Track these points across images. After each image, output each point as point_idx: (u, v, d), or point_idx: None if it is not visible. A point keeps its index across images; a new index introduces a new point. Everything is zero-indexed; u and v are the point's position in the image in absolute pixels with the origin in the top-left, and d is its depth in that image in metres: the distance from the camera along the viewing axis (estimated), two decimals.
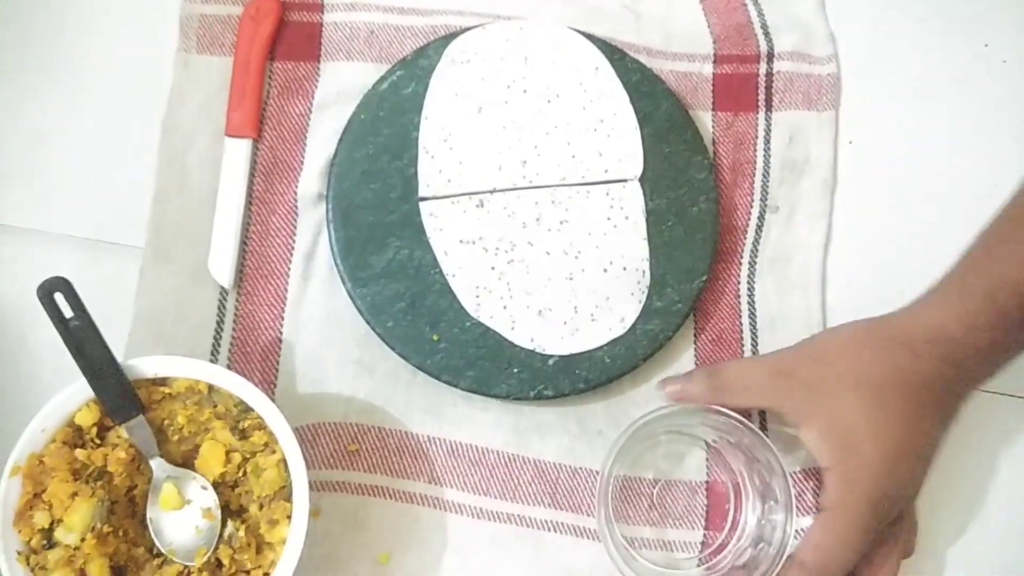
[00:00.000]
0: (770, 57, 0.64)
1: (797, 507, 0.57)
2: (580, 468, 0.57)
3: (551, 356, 0.57)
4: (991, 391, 0.59)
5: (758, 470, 0.53)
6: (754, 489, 0.54)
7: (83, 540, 0.47)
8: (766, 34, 0.65)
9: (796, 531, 0.50)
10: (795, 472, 0.58)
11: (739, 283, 0.61)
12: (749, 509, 0.55)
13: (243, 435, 0.51)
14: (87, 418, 0.49)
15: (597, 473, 0.57)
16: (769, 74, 0.64)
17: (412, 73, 0.60)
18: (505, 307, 0.57)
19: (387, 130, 0.59)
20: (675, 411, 0.53)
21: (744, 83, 0.64)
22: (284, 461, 0.49)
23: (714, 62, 0.64)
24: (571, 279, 0.57)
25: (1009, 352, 0.50)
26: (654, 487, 0.56)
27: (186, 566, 0.49)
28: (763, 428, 0.58)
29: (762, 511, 0.53)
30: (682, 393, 0.55)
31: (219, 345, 0.58)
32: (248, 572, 0.49)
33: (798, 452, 0.58)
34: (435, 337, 0.57)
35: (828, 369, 0.51)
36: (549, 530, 0.57)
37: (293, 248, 0.60)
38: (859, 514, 0.49)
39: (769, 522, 0.52)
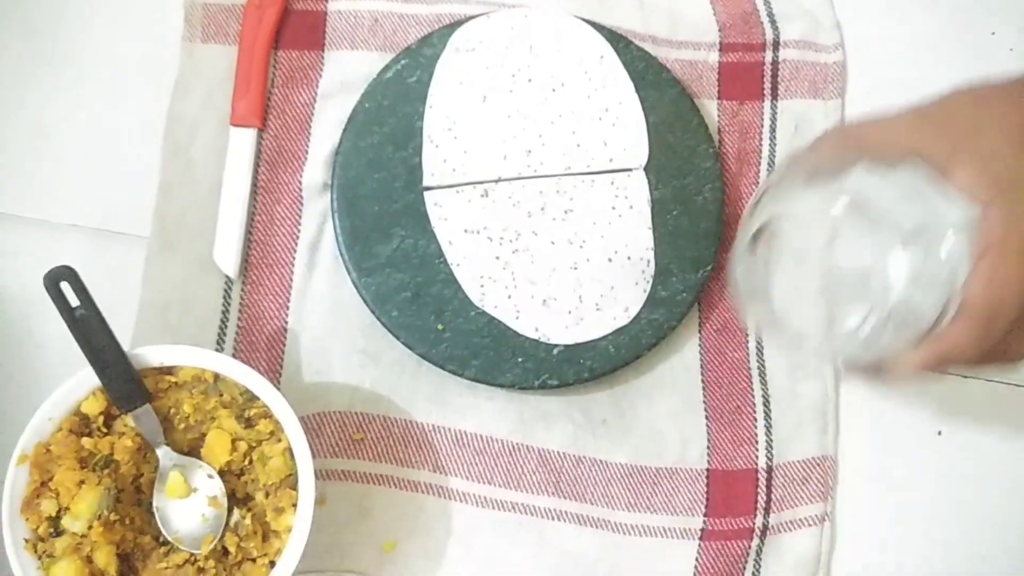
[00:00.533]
0: (776, 45, 0.64)
1: (802, 496, 0.58)
2: (584, 457, 0.58)
3: (556, 345, 0.57)
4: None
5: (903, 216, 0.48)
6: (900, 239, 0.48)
7: (90, 528, 0.47)
8: (772, 22, 0.64)
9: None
10: (797, 461, 0.58)
11: None
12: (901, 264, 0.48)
13: (249, 424, 0.51)
14: (94, 407, 0.49)
15: (601, 462, 0.57)
16: (775, 62, 0.64)
17: (416, 62, 0.60)
18: (510, 296, 0.57)
19: (391, 119, 0.59)
20: (810, 159, 0.47)
21: (750, 71, 0.64)
22: (290, 449, 0.50)
23: (720, 50, 0.64)
24: (576, 268, 0.57)
25: None
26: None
27: (192, 554, 0.49)
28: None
29: (920, 264, 0.48)
30: (816, 159, 0.49)
31: (225, 334, 0.58)
32: (254, 560, 0.50)
33: (800, 443, 0.58)
34: (440, 326, 0.57)
35: (974, 113, 0.48)
36: (553, 519, 0.57)
37: (298, 237, 0.60)
38: None
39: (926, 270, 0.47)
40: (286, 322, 0.58)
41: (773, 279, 0.49)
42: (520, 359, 0.56)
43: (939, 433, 0.60)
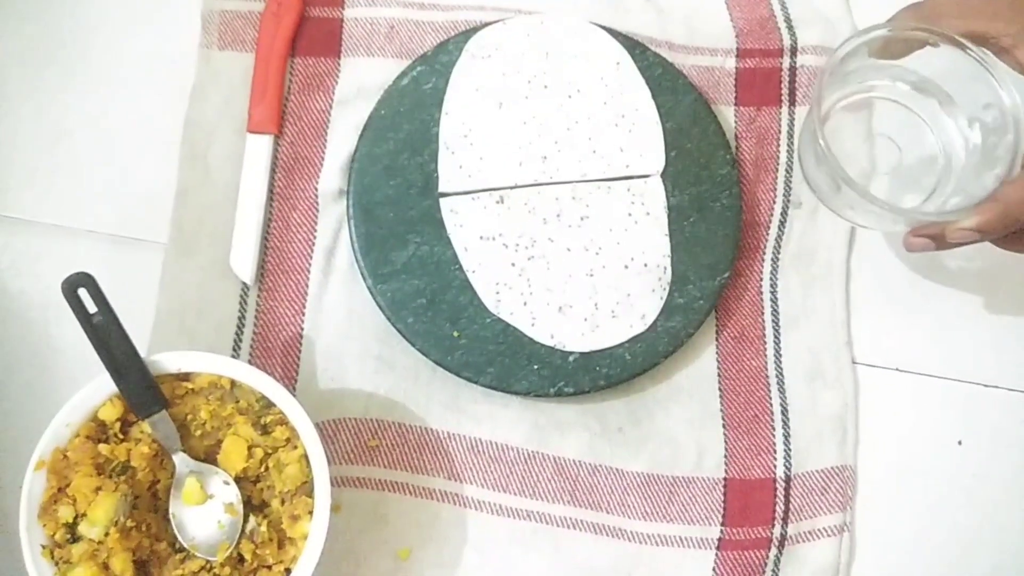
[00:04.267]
0: (793, 51, 0.63)
1: (820, 505, 0.57)
2: (600, 465, 0.57)
3: (571, 353, 0.56)
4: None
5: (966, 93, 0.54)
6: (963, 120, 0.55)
7: (106, 534, 0.47)
8: (790, 28, 0.64)
9: None
10: (816, 471, 0.57)
11: (761, 279, 0.60)
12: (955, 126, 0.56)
13: (265, 430, 0.51)
14: (111, 413, 0.49)
15: (617, 470, 0.57)
16: (792, 68, 0.63)
17: (432, 69, 0.60)
18: (525, 303, 0.57)
19: (407, 126, 0.59)
20: (882, 33, 0.53)
21: (767, 77, 0.63)
22: (306, 456, 0.50)
23: (737, 56, 0.63)
24: (592, 276, 0.57)
25: None
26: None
27: (208, 561, 0.49)
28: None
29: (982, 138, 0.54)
30: (888, 31, 0.53)
31: (241, 340, 0.58)
32: (270, 567, 0.50)
33: (819, 452, 0.58)
34: (455, 333, 0.56)
35: None
36: (569, 527, 0.56)
37: (314, 244, 0.60)
38: None
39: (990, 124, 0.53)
40: (302, 328, 0.58)
41: (842, 154, 0.52)
42: (536, 366, 0.56)
43: (960, 443, 0.59)
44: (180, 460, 0.50)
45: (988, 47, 0.52)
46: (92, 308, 0.48)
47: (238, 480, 0.51)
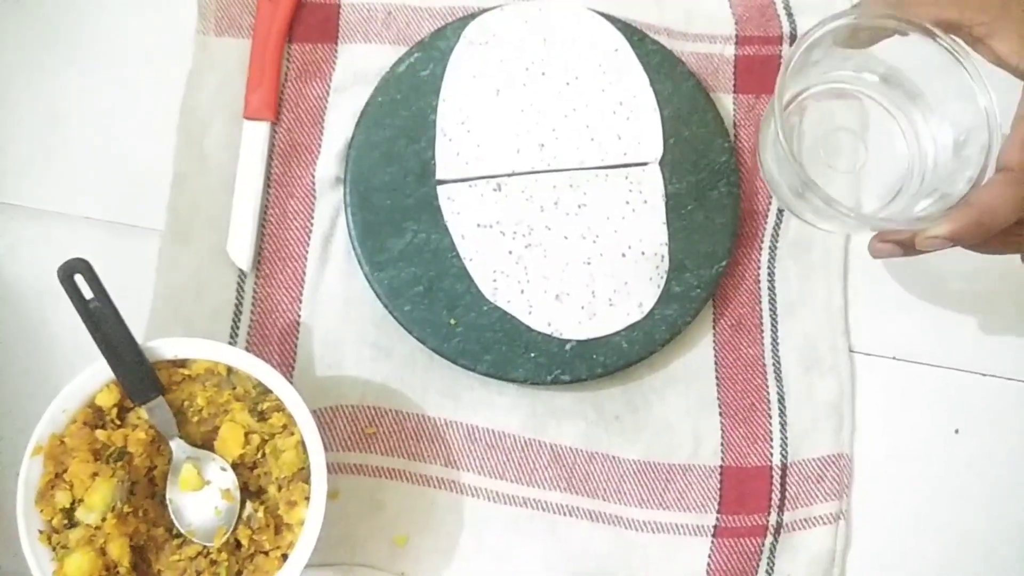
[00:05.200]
0: (793, 38, 0.63)
1: (817, 493, 0.57)
2: (596, 453, 0.57)
3: (568, 341, 0.56)
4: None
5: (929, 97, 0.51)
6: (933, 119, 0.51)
7: (104, 520, 0.47)
8: (789, 15, 0.64)
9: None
10: (812, 459, 0.57)
11: (759, 268, 0.60)
12: (929, 134, 0.52)
13: (262, 417, 0.51)
14: (107, 399, 0.49)
15: (614, 458, 0.57)
16: None
17: (430, 55, 0.60)
18: (522, 291, 0.57)
19: (405, 113, 0.59)
20: (849, 21, 0.50)
21: (766, 64, 0.63)
22: (302, 443, 0.50)
23: (736, 43, 0.63)
24: (589, 264, 0.57)
25: None
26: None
27: (205, 546, 0.50)
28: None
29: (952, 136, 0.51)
30: (856, 20, 0.50)
31: (238, 327, 0.58)
32: (267, 552, 0.50)
33: (815, 440, 0.58)
34: (452, 321, 0.56)
35: None
36: (565, 514, 0.57)
37: (311, 231, 0.59)
38: None
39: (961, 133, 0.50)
40: (299, 315, 0.58)
41: (803, 151, 0.50)
42: (533, 354, 0.56)
43: (956, 431, 0.59)
44: (177, 446, 0.50)
45: (961, 36, 0.49)
46: (88, 294, 0.48)
47: (235, 466, 0.51)
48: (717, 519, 0.57)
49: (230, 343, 0.58)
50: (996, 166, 0.47)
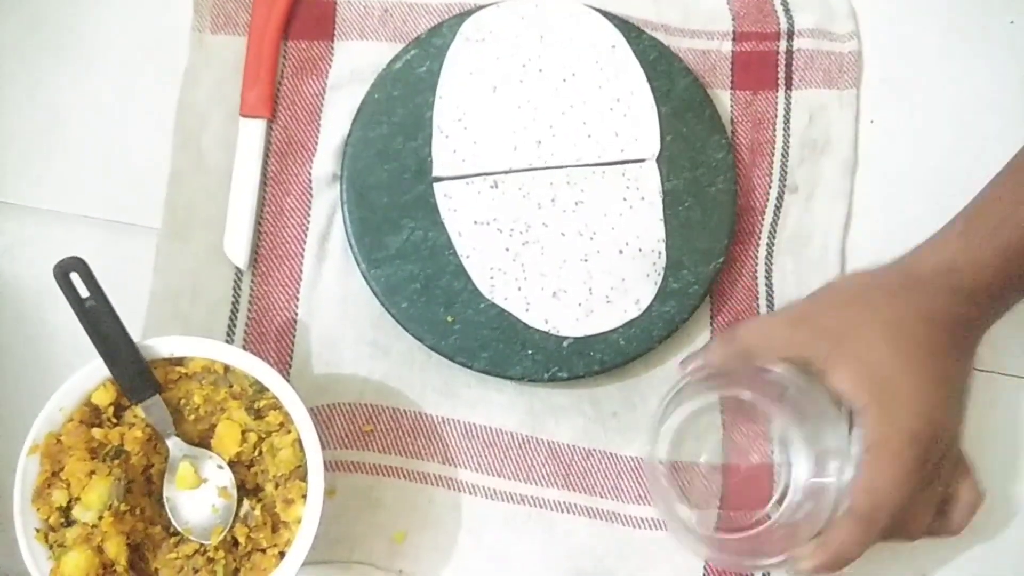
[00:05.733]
0: (790, 35, 0.63)
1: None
2: (594, 450, 0.57)
3: (566, 338, 0.56)
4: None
5: (810, 421, 0.52)
6: (803, 444, 0.53)
7: (100, 518, 0.47)
8: (786, 11, 0.64)
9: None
10: None
11: (756, 264, 0.60)
12: (799, 469, 0.54)
13: (259, 415, 0.51)
14: (104, 397, 0.49)
15: (611, 455, 0.57)
16: (789, 52, 0.63)
17: (426, 52, 0.59)
18: (520, 289, 0.57)
19: (401, 110, 0.59)
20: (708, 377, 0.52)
21: (763, 61, 0.63)
22: (299, 441, 0.50)
23: (733, 40, 0.63)
24: (586, 261, 0.57)
25: (1018, 288, 0.51)
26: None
27: (202, 544, 0.50)
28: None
29: (813, 467, 0.53)
30: (705, 368, 0.54)
31: (235, 325, 0.58)
32: (264, 550, 0.50)
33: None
34: (449, 318, 0.56)
35: (847, 311, 0.51)
36: (562, 511, 0.57)
37: (308, 229, 0.59)
38: (904, 447, 0.47)
39: (822, 472, 0.52)
40: (296, 313, 0.58)
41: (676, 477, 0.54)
42: (530, 351, 0.56)
43: None
44: (174, 444, 0.50)
45: (808, 370, 0.50)
46: (84, 293, 0.48)
47: (232, 464, 0.51)
48: (719, 516, 0.57)
49: (227, 341, 0.58)
50: (848, 501, 0.48)
